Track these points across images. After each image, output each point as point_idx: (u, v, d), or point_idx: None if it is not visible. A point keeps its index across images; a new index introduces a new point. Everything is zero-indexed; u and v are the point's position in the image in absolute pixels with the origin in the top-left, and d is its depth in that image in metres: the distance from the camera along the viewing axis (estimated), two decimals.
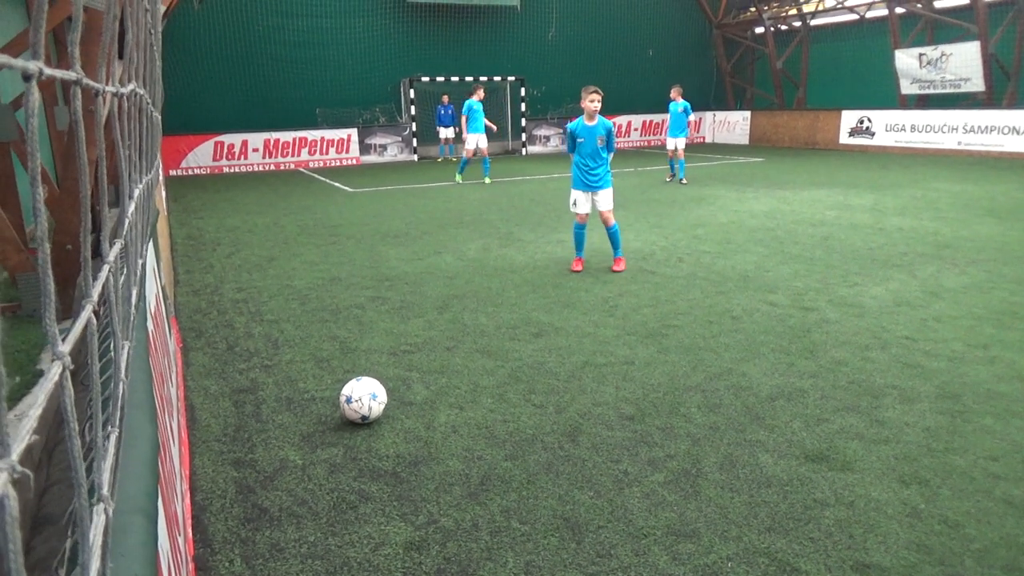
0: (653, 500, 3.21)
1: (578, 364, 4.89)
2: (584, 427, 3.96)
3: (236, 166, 20.49)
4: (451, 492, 3.33)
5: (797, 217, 10.38)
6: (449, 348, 5.27)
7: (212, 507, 3.23)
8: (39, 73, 0.66)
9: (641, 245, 8.68)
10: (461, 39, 23.12)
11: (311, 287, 7.12)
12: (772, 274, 7.13)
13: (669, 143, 15.09)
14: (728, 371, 4.70)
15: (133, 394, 1.50)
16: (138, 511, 1.07)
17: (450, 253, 8.52)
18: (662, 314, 5.94)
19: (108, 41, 1.85)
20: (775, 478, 3.37)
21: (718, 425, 3.94)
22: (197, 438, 3.91)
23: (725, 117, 27.02)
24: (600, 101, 7.14)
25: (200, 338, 5.62)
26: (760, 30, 25.85)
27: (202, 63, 19.94)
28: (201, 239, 9.99)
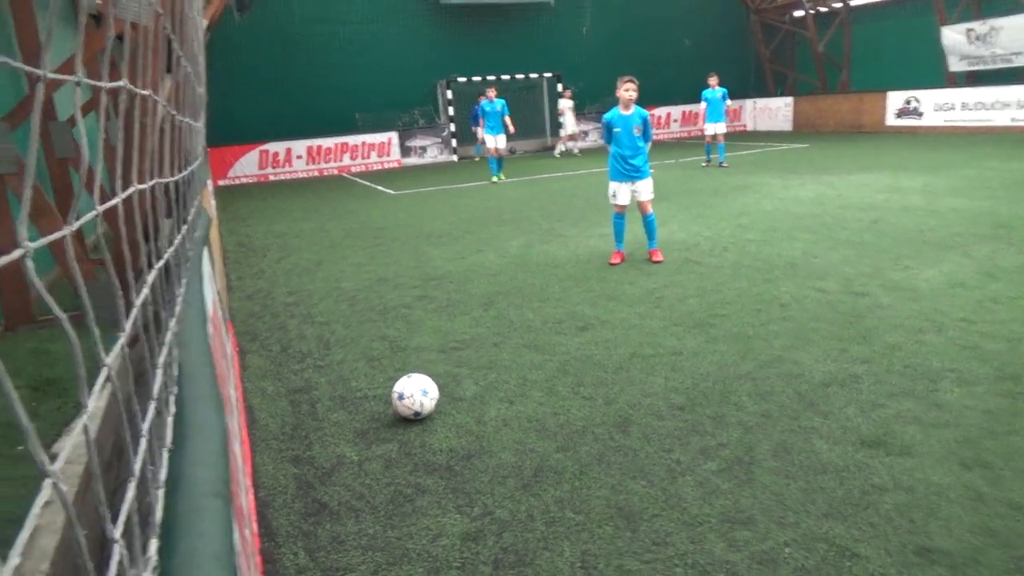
0: (707, 488, 3.21)
1: (625, 356, 4.89)
2: (634, 418, 3.97)
3: (281, 174, 20.88)
4: (505, 484, 3.37)
5: (845, 202, 10.18)
6: (496, 344, 5.32)
7: (275, 502, 3.33)
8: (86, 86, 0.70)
9: (685, 236, 8.62)
10: (496, 38, 23.18)
11: (359, 288, 7.24)
12: (821, 260, 7.02)
13: (708, 129, 15.45)
14: (779, 359, 4.65)
15: (200, 388, 1.57)
16: (215, 494, 1.12)
17: (492, 251, 8.57)
18: (709, 304, 5.90)
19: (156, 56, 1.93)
20: (831, 464, 3.33)
21: (770, 413, 3.91)
22: (257, 437, 4.02)
23: (766, 104, 26.58)
24: (636, 90, 7.11)
25: (255, 341, 5.77)
26: (799, 14, 25.36)
27: (244, 74, 20.36)
28: (251, 246, 10.22)
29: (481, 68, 22.53)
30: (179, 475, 1.13)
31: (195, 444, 1.23)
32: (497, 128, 15.43)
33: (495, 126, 15.43)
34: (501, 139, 15.48)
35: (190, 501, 1.03)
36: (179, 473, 1.15)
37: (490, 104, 15.41)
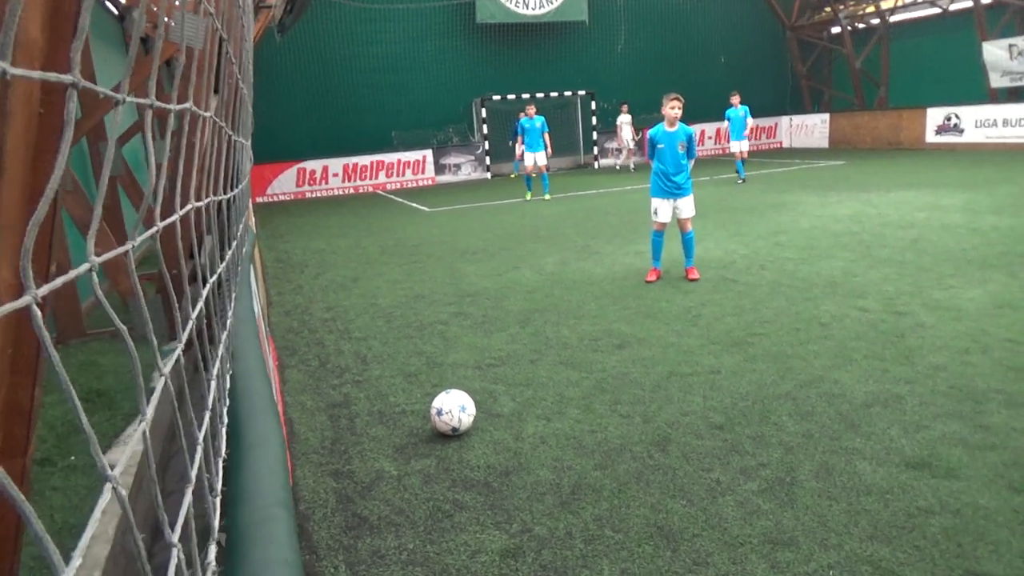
0: (748, 508, 3.18)
1: (663, 374, 4.88)
2: (673, 436, 3.95)
3: (318, 191, 21.20)
4: (543, 501, 3.38)
5: (884, 220, 10.04)
6: (533, 361, 5.33)
7: (315, 516, 3.37)
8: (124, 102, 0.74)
9: (722, 254, 8.57)
10: (531, 56, 23.35)
11: (395, 305, 7.32)
12: (860, 279, 6.93)
13: (734, 146, 15.96)
14: (819, 379, 4.60)
15: (259, 401, 1.62)
16: (279, 504, 1.16)
17: (528, 268, 8.60)
18: (747, 323, 5.85)
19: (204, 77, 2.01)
20: (875, 486, 3.28)
21: (811, 433, 3.86)
22: (297, 451, 4.08)
23: (802, 121, 26.36)
24: (681, 108, 7.15)
25: (294, 356, 5.86)
26: (836, 30, 25.17)
27: (283, 93, 20.77)
28: (289, 262, 10.39)
29: (516, 86, 22.70)
30: (243, 486, 1.17)
31: (257, 455, 1.27)
32: (537, 145, 15.52)
33: (534, 143, 15.52)
34: (541, 156, 15.56)
35: (257, 511, 1.07)
36: (243, 484, 1.18)
37: (529, 121, 15.51)
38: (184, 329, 1.17)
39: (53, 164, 1.39)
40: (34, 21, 1.14)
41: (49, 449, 3.49)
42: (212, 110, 2.79)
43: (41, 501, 3.03)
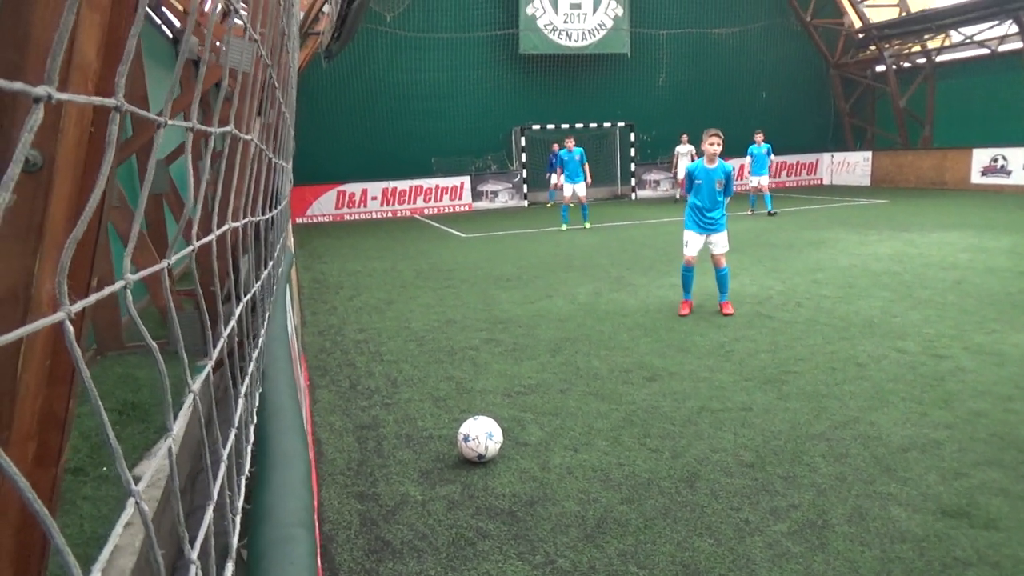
0: (777, 550, 3.11)
1: (694, 409, 4.81)
2: (702, 473, 3.89)
3: (356, 213, 21.50)
4: (567, 533, 3.34)
5: (926, 260, 9.85)
6: (562, 391, 5.31)
7: (339, 537, 3.37)
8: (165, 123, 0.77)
9: (757, 289, 8.47)
10: (571, 87, 23.55)
11: (427, 329, 7.35)
12: (900, 320, 6.79)
13: (753, 180, 16.97)
14: (855, 420, 4.50)
15: (286, 419, 1.63)
16: (300, 524, 1.16)
17: (561, 297, 8.59)
18: (781, 360, 5.76)
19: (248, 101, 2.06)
20: (910, 533, 3.19)
21: (845, 476, 3.77)
22: (324, 471, 4.10)
23: (844, 158, 26.10)
24: (720, 144, 7.15)
25: (325, 376, 5.91)
26: (881, 68, 24.97)
27: (327, 117, 21.21)
28: (325, 282, 10.52)
29: (555, 116, 22.88)
30: (267, 504, 1.18)
31: (281, 474, 1.28)
32: (577, 176, 15.62)
33: (574, 174, 15.62)
34: (581, 187, 15.66)
35: (279, 530, 1.08)
36: (266, 502, 1.19)
37: (568, 154, 15.65)
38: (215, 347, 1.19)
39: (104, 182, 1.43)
40: (91, 44, 1.19)
41: (83, 459, 3.56)
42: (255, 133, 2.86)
43: (72, 510, 3.08)
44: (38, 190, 1.09)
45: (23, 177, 1.12)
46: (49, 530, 0.52)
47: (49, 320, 0.57)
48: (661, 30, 24.08)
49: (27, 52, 1.08)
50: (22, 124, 0.89)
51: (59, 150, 1.09)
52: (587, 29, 23.04)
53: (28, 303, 1.10)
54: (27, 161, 1.08)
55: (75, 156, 1.19)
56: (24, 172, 1.09)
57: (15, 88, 0.51)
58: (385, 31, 21.66)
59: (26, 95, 0.52)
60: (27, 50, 1.08)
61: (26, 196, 1.10)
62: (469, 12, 22.39)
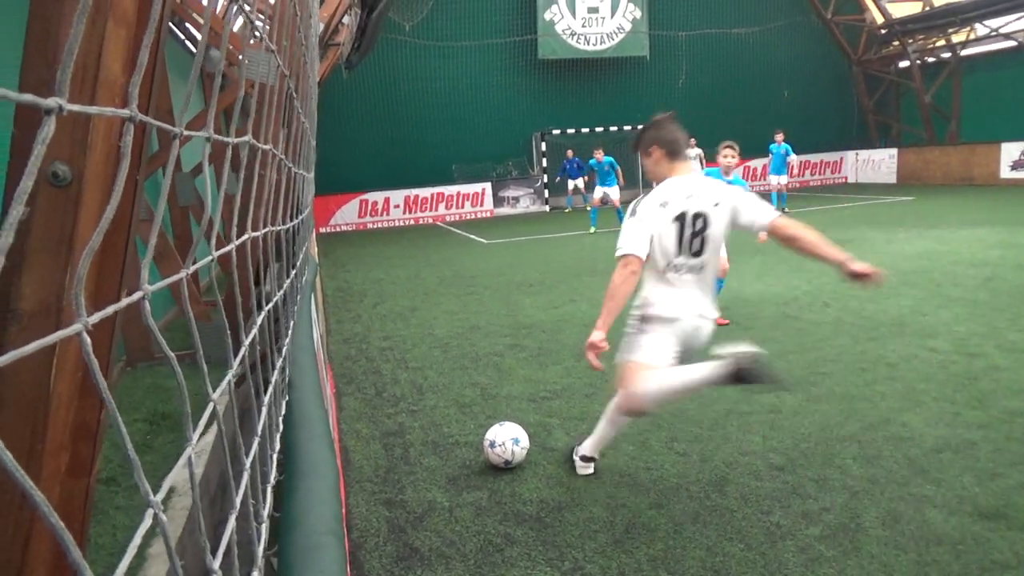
0: (809, 555, 3.06)
1: (721, 412, 4.77)
2: (731, 477, 3.85)
3: (379, 222, 21.64)
4: (596, 539, 3.32)
5: (955, 257, 9.69)
6: (588, 395, 5.29)
7: (367, 544, 3.38)
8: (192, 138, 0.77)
9: (782, 290, 8.39)
10: (591, 91, 23.54)
11: (452, 335, 7.36)
12: (930, 318, 6.68)
13: (772, 180, 16.87)
14: (886, 421, 4.43)
15: (314, 428, 1.64)
16: (329, 532, 1.17)
17: (585, 301, 8.57)
18: (809, 361, 5.70)
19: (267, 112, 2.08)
20: (946, 536, 3.13)
21: (877, 478, 3.71)
22: (351, 478, 4.12)
23: (869, 156, 25.77)
24: (735, 156, 7.04)
25: (351, 384, 5.94)
26: (905, 64, 24.65)
27: (349, 127, 21.39)
28: (349, 291, 10.59)
29: (576, 121, 22.88)
30: (296, 512, 1.18)
31: (310, 483, 1.28)
32: (610, 180, 15.71)
33: (607, 179, 15.73)
34: (614, 191, 15.75)
35: (308, 538, 1.08)
36: (294, 510, 1.20)
37: (598, 164, 15.83)
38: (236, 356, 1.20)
39: (130, 195, 1.45)
40: (116, 59, 1.21)
41: (115, 469, 3.61)
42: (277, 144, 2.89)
43: (105, 520, 3.12)
44: (68, 204, 1.11)
45: (53, 192, 1.14)
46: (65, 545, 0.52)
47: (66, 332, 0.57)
48: (680, 31, 23.99)
49: (56, 69, 1.10)
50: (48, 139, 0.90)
51: (88, 164, 1.11)
52: (605, 33, 23.03)
53: (60, 316, 1.11)
54: (57, 176, 1.10)
55: (104, 170, 1.20)
56: (54, 187, 1.11)
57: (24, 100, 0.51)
58: (404, 40, 21.81)
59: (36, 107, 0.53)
60: (56, 67, 1.10)
61: (56, 210, 1.12)
62: (487, 19, 22.48)
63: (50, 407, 1.12)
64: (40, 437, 1.09)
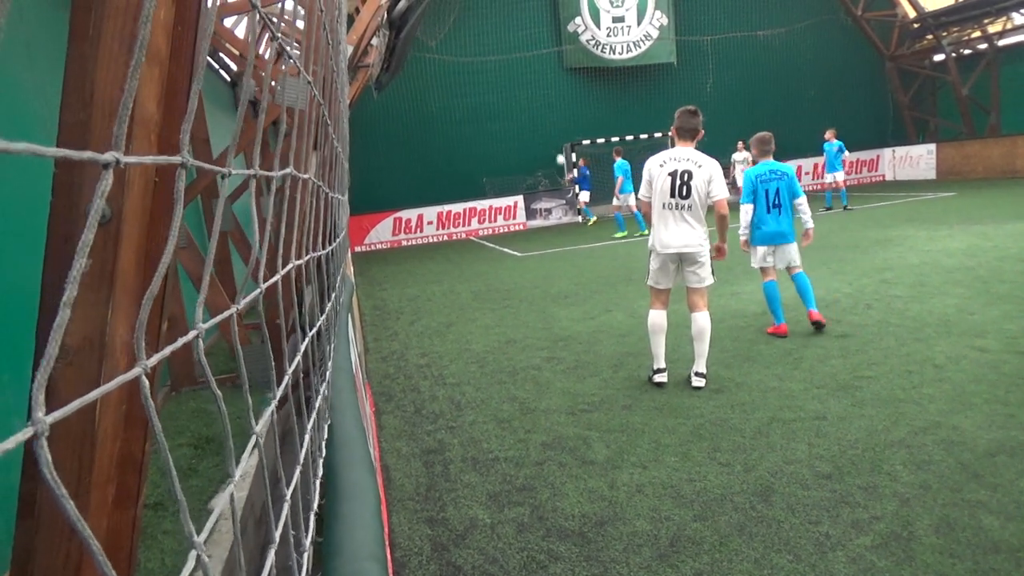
0: (861, 565, 2.99)
1: (764, 420, 4.69)
2: (776, 486, 3.78)
3: (413, 239, 21.80)
4: (640, 553, 3.28)
5: (1001, 253, 9.43)
6: (627, 406, 5.24)
7: (410, 563, 3.39)
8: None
9: (824, 292, 8.24)
10: (620, 99, 23.52)
11: (488, 350, 7.37)
12: (978, 317, 6.50)
13: (828, 177, 17.31)
14: (936, 424, 4.31)
15: (354, 451, 1.65)
16: (371, 557, 1.17)
17: (621, 311, 8.52)
18: (853, 365, 5.58)
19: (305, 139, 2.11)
20: (1003, 543, 3.03)
21: (929, 484, 3.61)
22: (393, 497, 4.13)
23: (906, 152, 25.27)
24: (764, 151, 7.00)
25: (390, 402, 5.97)
26: (940, 57, 24.18)
27: (380, 146, 21.66)
28: (385, 309, 10.67)
29: (605, 130, 22.84)
30: (338, 538, 1.19)
31: (352, 507, 1.29)
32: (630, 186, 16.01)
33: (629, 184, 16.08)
34: (630, 197, 15.92)
35: (350, 564, 1.08)
36: (337, 536, 1.20)
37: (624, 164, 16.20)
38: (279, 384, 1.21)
39: (167, 230, 1.48)
40: (151, 97, 1.24)
41: (162, 494, 3.67)
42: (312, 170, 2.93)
43: (153, 544, 3.17)
44: (108, 242, 1.13)
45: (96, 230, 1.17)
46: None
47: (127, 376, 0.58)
48: (705, 36, 23.88)
49: (93, 110, 1.13)
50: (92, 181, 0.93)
51: (126, 202, 1.13)
52: (632, 41, 23.02)
53: (103, 351, 1.14)
54: None
55: (141, 206, 1.23)
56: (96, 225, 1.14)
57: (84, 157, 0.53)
58: (432, 57, 22.04)
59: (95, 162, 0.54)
60: (93, 108, 1.13)
61: (97, 248, 1.15)
62: (512, 33, 22.63)
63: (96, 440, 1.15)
64: (87, 469, 1.11)
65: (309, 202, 2.15)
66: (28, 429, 0.50)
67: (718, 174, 5.40)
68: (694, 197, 5.32)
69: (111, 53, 1.16)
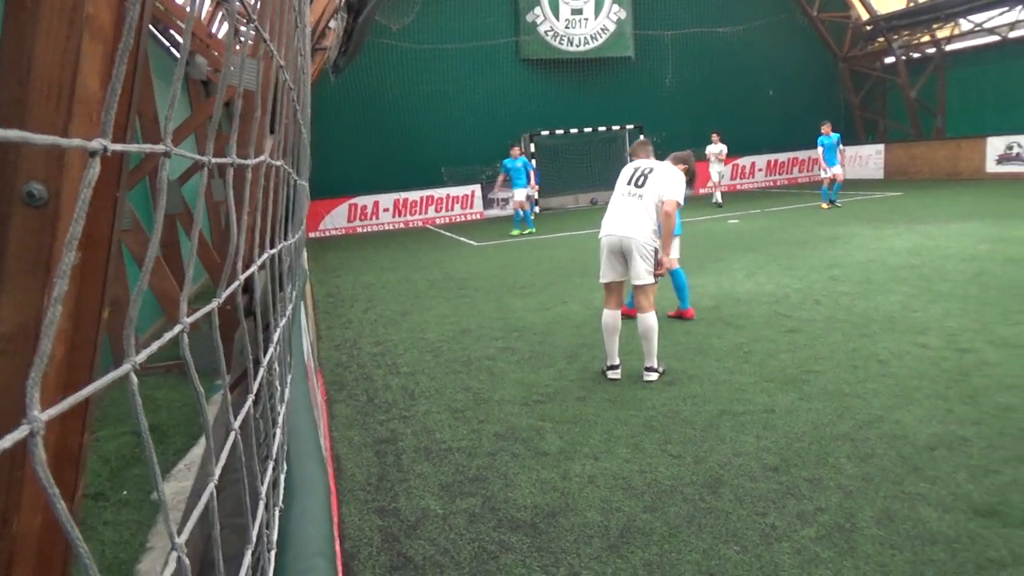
0: (805, 556, 3.05)
1: (714, 412, 4.76)
2: (725, 478, 3.84)
3: (368, 226, 21.56)
4: (591, 544, 3.30)
5: (944, 252, 9.73)
6: (580, 398, 5.27)
7: (360, 555, 3.35)
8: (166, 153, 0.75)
9: (774, 288, 8.40)
10: (578, 91, 23.53)
11: (443, 339, 7.33)
12: (921, 314, 6.70)
13: (827, 172, 16.88)
14: (879, 419, 4.43)
15: (304, 443, 1.61)
16: (319, 554, 1.14)
17: (576, 302, 8.55)
18: (801, 359, 5.70)
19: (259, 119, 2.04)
20: (941, 534, 3.13)
21: (872, 476, 3.71)
22: (343, 487, 4.08)
23: (856, 152, 25.84)
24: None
25: (342, 391, 5.90)
26: (890, 60, 24.77)
27: (336, 131, 21.30)
28: (339, 296, 10.54)
29: (564, 121, 22.86)
30: (288, 533, 1.16)
31: (301, 502, 1.26)
32: (522, 182, 16.40)
33: (520, 180, 16.41)
34: (522, 192, 16.46)
35: (299, 562, 1.06)
36: (287, 531, 1.17)
37: (512, 162, 16.26)
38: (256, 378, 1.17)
39: (110, 209, 1.42)
40: (93, 75, 1.18)
41: (103, 483, 3.57)
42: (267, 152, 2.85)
43: (93, 536, 3.08)
44: (44, 224, 1.08)
45: (30, 212, 1.11)
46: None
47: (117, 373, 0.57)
48: (665, 31, 24.02)
49: (30, 86, 1.07)
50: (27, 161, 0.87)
51: (64, 183, 1.08)
52: (589, 34, 23.04)
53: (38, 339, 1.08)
54: (33, 195, 1.07)
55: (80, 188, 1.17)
56: (30, 207, 1.08)
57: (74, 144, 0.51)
58: (392, 44, 21.74)
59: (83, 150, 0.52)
60: (30, 84, 1.07)
61: (33, 230, 1.09)
62: (472, 22, 22.44)
63: None
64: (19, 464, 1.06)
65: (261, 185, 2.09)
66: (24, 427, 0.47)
67: (678, 180, 5.66)
68: (648, 188, 5.50)
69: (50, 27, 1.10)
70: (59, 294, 0.51)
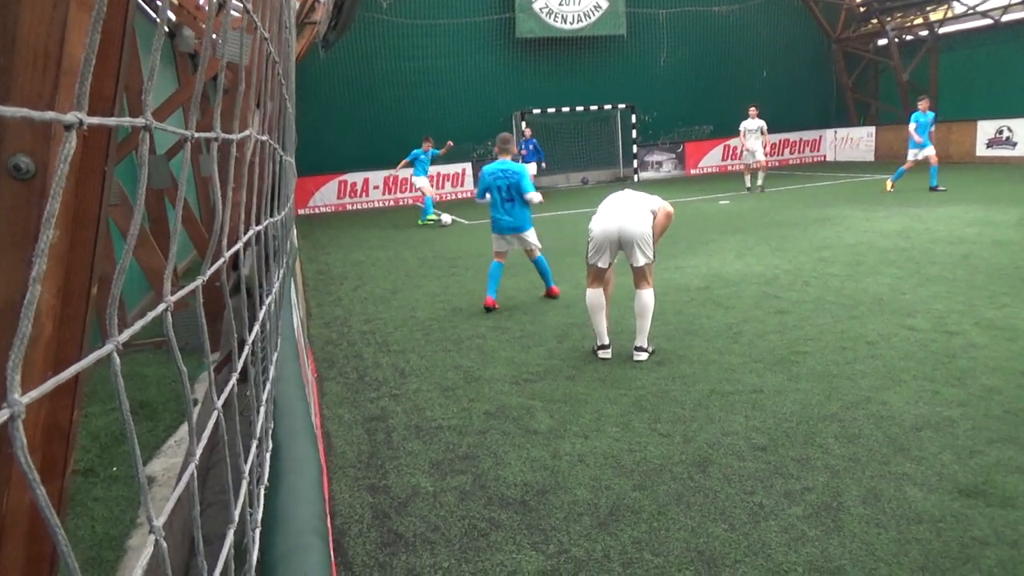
0: (792, 534, 3.09)
1: (704, 392, 4.79)
2: (714, 457, 3.87)
3: (359, 203, 21.45)
4: (580, 522, 3.33)
5: (933, 235, 9.77)
6: (570, 377, 5.28)
7: (351, 531, 3.37)
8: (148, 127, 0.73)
9: (763, 269, 8.42)
10: (571, 70, 23.35)
11: (434, 318, 7.33)
12: (909, 296, 6.74)
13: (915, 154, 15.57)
14: (866, 399, 4.47)
15: (296, 422, 1.60)
16: (312, 531, 1.14)
17: (566, 282, 8.55)
18: (790, 340, 5.73)
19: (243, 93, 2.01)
20: (926, 513, 3.16)
21: (859, 456, 3.75)
22: (334, 464, 4.09)
23: (847, 134, 25.88)
24: None
25: (332, 368, 5.90)
26: (883, 42, 24.70)
27: (327, 107, 21.10)
28: (329, 274, 10.50)
29: (555, 100, 22.71)
30: (279, 513, 1.15)
31: (292, 481, 1.25)
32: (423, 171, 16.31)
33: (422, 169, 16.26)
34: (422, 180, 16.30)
35: (291, 539, 1.05)
36: (279, 511, 1.17)
37: (424, 154, 16.21)
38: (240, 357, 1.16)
39: (98, 184, 1.39)
40: (80, 45, 1.15)
41: (92, 460, 3.56)
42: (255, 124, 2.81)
43: (84, 512, 3.07)
44: (31, 198, 1.06)
45: (16, 185, 1.09)
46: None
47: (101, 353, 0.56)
48: (660, 9, 23.83)
49: (15, 55, 1.05)
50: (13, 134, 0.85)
51: (51, 157, 1.06)
52: (581, 11, 22.82)
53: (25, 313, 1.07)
54: (19, 168, 1.05)
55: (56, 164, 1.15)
56: (16, 180, 1.06)
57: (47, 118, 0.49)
58: (382, 19, 21.48)
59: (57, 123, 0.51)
60: (14, 53, 1.04)
61: (20, 204, 1.07)
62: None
63: None
64: (9, 441, 1.05)
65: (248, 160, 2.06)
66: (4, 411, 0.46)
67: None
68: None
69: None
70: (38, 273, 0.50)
